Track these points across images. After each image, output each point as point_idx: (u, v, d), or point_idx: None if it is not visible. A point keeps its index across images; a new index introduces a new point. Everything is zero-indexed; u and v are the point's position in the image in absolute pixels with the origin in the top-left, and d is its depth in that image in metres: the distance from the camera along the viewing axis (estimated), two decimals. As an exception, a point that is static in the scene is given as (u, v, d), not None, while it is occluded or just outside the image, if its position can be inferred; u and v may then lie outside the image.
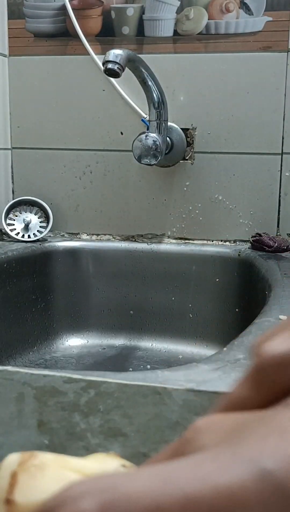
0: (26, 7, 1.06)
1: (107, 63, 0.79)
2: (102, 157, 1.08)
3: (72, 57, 1.06)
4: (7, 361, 0.91)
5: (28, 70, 1.08)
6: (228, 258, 0.99)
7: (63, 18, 1.05)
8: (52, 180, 1.10)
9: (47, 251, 1.02)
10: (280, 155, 1.01)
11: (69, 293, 1.05)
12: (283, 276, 0.79)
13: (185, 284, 1.02)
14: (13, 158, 1.12)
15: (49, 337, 1.02)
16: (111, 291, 1.05)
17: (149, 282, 1.03)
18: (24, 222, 1.04)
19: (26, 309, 0.98)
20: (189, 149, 1.03)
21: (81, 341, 1.03)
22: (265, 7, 0.97)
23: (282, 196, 1.02)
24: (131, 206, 1.08)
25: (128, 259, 1.04)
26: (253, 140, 1.01)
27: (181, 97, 1.03)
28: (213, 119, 1.02)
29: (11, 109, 1.10)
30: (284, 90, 0.99)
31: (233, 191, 1.03)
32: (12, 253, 0.95)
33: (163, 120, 0.94)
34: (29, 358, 0.96)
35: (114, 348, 1.02)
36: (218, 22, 0.99)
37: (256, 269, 0.90)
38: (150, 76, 0.90)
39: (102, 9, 1.04)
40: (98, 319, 1.05)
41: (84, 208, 1.10)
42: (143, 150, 0.91)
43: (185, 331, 1.01)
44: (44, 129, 1.09)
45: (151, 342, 1.03)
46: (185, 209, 1.06)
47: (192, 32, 1.01)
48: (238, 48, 0.99)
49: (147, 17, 1.02)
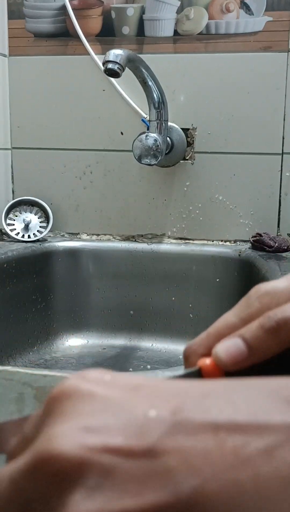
0: (26, 7, 1.06)
1: (107, 63, 0.79)
2: (102, 157, 1.08)
3: (72, 57, 1.06)
4: (7, 361, 0.91)
5: (28, 70, 1.08)
6: (229, 258, 0.99)
7: (63, 18, 1.05)
8: (52, 180, 1.10)
9: (47, 251, 1.02)
10: (280, 155, 1.01)
11: (69, 293, 1.05)
12: (284, 276, 0.79)
13: (185, 284, 1.01)
14: (13, 158, 1.11)
15: (49, 337, 1.01)
16: (111, 291, 1.05)
17: (149, 282, 1.03)
18: (24, 222, 1.04)
19: (26, 309, 0.97)
20: (189, 149, 1.03)
21: (81, 341, 1.03)
22: (265, 7, 0.97)
23: (282, 196, 1.02)
24: (131, 206, 1.08)
25: (128, 259, 1.04)
26: (254, 140, 1.01)
27: (181, 97, 1.02)
28: (213, 119, 1.02)
29: (11, 109, 1.10)
30: (284, 90, 0.99)
31: (234, 191, 1.03)
32: (12, 253, 0.95)
33: (164, 120, 0.94)
34: (29, 358, 0.96)
35: (114, 348, 1.02)
36: (218, 22, 0.99)
37: (257, 269, 0.89)
38: (150, 76, 0.90)
39: (102, 9, 1.03)
40: (98, 319, 1.05)
41: (84, 208, 1.10)
42: (143, 150, 0.91)
43: (186, 331, 1.01)
44: (44, 129, 1.09)
45: (151, 342, 1.03)
46: (186, 209, 1.06)
47: (192, 32, 1.00)
48: (239, 48, 0.99)
49: (147, 17, 1.02)
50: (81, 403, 0.18)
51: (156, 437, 0.16)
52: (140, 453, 0.16)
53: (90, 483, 0.16)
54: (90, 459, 0.16)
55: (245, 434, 0.16)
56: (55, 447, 0.16)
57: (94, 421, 0.17)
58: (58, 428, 0.17)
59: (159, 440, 0.16)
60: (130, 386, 0.18)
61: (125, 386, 0.18)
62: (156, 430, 0.16)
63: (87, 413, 0.17)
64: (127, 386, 0.18)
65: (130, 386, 0.18)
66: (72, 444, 0.16)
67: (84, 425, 0.17)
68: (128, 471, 0.16)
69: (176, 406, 0.17)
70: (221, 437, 0.16)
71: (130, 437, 0.16)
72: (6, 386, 0.40)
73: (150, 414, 0.17)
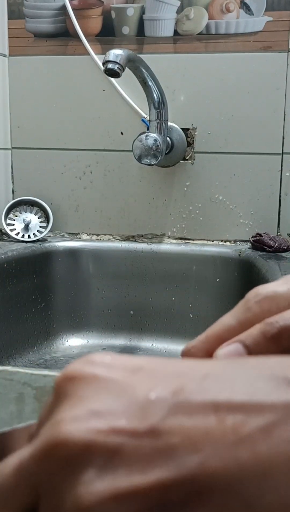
0: (26, 7, 1.06)
1: (107, 63, 0.79)
2: (102, 157, 1.08)
3: (72, 57, 1.06)
4: (7, 361, 0.91)
5: (28, 70, 1.08)
6: (229, 258, 0.99)
7: (63, 18, 1.05)
8: (52, 180, 1.10)
9: (47, 251, 1.02)
10: (280, 155, 1.01)
11: (69, 293, 1.05)
12: (284, 276, 0.79)
13: (185, 284, 1.01)
14: (13, 158, 1.11)
15: (49, 337, 1.01)
16: (111, 291, 1.05)
17: (149, 282, 1.03)
18: (24, 222, 1.04)
19: (26, 309, 0.97)
20: (189, 149, 1.03)
21: (81, 341, 1.03)
22: (265, 7, 0.97)
23: (282, 196, 1.02)
24: (131, 206, 1.08)
25: (128, 259, 1.04)
26: (254, 140, 1.01)
27: (181, 97, 1.02)
28: (213, 119, 1.02)
29: (11, 109, 1.10)
30: (284, 90, 0.99)
31: (234, 191, 1.03)
32: (12, 253, 0.95)
33: (164, 120, 0.94)
34: (29, 358, 0.96)
35: (114, 348, 1.02)
36: (218, 22, 0.99)
37: (257, 269, 0.89)
38: (150, 76, 0.90)
39: (102, 9, 1.03)
40: (98, 319, 1.05)
41: (84, 208, 1.10)
42: (143, 150, 0.91)
43: (186, 331, 1.01)
44: (44, 129, 1.09)
45: (151, 342, 1.03)
46: (186, 209, 1.06)
47: (192, 32, 1.00)
48: (239, 48, 0.99)
49: (147, 17, 1.02)
50: (85, 386, 0.19)
51: (158, 417, 0.17)
52: (144, 432, 0.17)
53: (98, 464, 0.17)
54: (96, 441, 0.17)
55: (245, 413, 0.17)
56: (63, 432, 0.17)
57: (98, 404, 0.18)
58: (65, 413, 0.18)
59: (161, 420, 0.17)
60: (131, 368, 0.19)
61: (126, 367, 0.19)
62: (158, 410, 0.17)
63: (91, 396, 0.18)
64: (128, 367, 0.19)
65: (131, 368, 0.19)
66: (79, 428, 0.17)
67: (89, 408, 0.18)
68: (133, 450, 0.17)
69: (177, 387, 0.18)
70: (221, 416, 0.17)
71: (133, 418, 0.17)
72: (6, 386, 0.40)
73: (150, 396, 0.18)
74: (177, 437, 0.16)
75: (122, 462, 0.16)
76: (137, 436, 0.17)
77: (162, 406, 0.17)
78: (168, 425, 0.17)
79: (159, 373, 0.19)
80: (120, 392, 0.18)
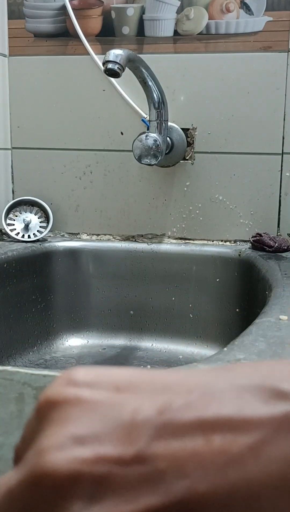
0: (26, 7, 1.06)
1: (107, 63, 0.79)
2: (102, 157, 1.08)
3: (72, 57, 1.06)
4: (7, 361, 0.91)
5: (28, 70, 1.08)
6: (229, 258, 0.99)
7: (63, 18, 1.05)
8: (52, 180, 1.10)
9: (47, 251, 1.02)
10: (280, 155, 1.01)
11: (69, 293, 1.05)
12: (284, 276, 0.79)
13: (185, 284, 1.01)
14: (13, 158, 1.11)
15: (49, 337, 1.01)
16: (111, 291, 1.05)
17: (149, 282, 1.03)
18: (24, 222, 1.04)
19: (26, 309, 0.97)
20: (189, 149, 1.03)
21: (81, 341, 1.03)
22: (265, 7, 0.97)
23: (282, 196, 1.02)
24: (131, 206, 1.08)
25: (128, 259, 1.04)
26: (254, 140, 1.01)
27: (181, 97, 1.02)
28: (213, 119, 1.02)
29: (11, 109, 1.10)
30: (284, 90, 0.99)
31: (234, 191, 1.03)
32: (12, 253, 0.95)
33: (164, 120, 0.94)
34: (29, 358, 0.96)
35: (114, 348, 1.02)
36: (218, 22, 0.99)
37: (257, 269, 0.89)
38: (150, 76, 0.90)
39: (102, 9, 1.03)
40: (98, 319, 1.05)
41: (84, 208, 1.10)
42: (143, 150, 0.91)
43: (186, 331, 1.01)
44: (44, 129, 1.09)
45: (151, 342, 1.03)
46: (185, 209, 1.06)
47: (192, 32, 1.00)
48: (239, 48, 0.99)
49: (147, 17, 1.02)
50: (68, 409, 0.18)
51: (144, 441, 0.16)
52: (130, 459, 0.16)
53: (85, 494, 0.16)
54: (82, 471, 0.16)
55: (232, 431, 0.16)
56: (47, 463, 0.17)
57: (82, 429, 0.17)
58: (48, 440, 0.17)
59: (147, 444, 0.16)
60: (115, 386, 0.19)
61: (110, 386, 0.19)
62: (144, 433, 0.17)
63: (74, 420, 0.17)
64: (112, 385, 0.19)
65: (115, 386, 0.19)
66: (64, 458, 0.16)
67: (73, 434, 0.17)
68: (120, 478, 0.16)
69: (162, 405, 0.17)
70: (209, 436, 0.16)
71: (119, 443, 0.17)
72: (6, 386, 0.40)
73: (136, 417, 0.17)
74: (164, 462, 0.16)
75: (109, 490, 0.16)
76: (124, 464, 0.16)
77: (148, 427, 0.17)
78: (155, 449, 0.16)
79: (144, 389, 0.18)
80: (104, 414, 0.17)
